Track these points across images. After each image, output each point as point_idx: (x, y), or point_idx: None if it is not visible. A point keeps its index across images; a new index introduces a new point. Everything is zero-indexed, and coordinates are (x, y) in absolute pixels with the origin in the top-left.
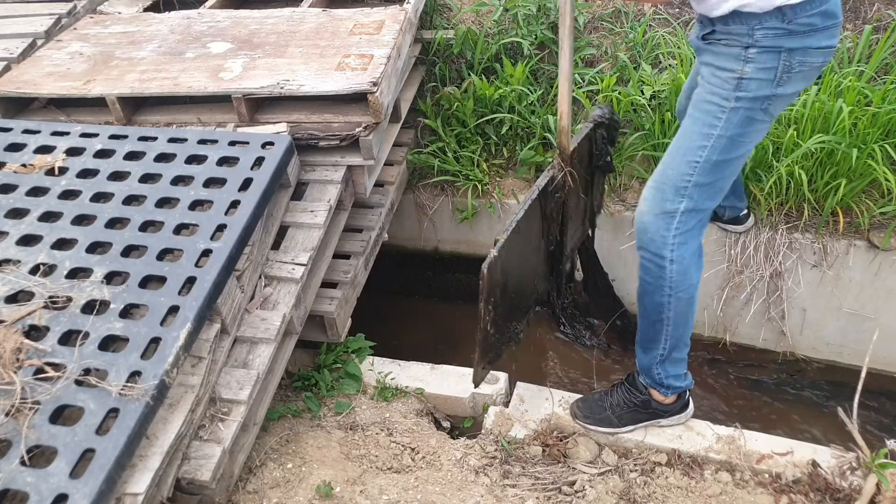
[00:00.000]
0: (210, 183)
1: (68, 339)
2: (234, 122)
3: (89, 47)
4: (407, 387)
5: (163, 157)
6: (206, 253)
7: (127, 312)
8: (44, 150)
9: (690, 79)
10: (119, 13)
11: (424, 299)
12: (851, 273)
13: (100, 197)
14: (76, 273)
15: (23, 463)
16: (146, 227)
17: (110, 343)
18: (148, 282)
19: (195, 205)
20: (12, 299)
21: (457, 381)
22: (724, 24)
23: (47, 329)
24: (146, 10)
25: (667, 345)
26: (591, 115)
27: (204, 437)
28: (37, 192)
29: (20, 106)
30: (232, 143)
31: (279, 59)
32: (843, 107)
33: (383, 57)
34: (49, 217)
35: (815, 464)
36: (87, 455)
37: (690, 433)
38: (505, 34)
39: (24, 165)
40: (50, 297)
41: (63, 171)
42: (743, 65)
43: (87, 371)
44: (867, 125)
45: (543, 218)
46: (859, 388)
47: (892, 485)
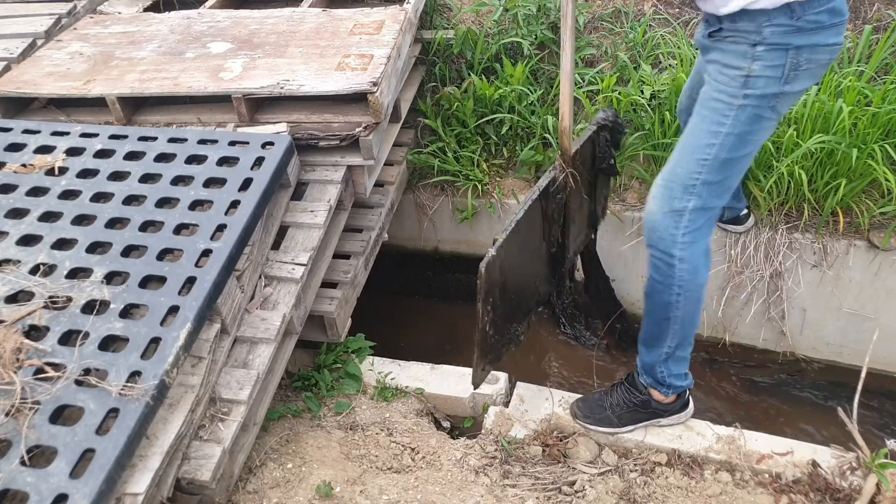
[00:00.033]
0: (210, 183)
1: (68, 339)
2: (234, 122)
3: (89, 47)
4: (407, 387)
5: (163, 157)
6: (206, 253)
7: (127, 312)
8: (44, 150)
9: (691, 78)
10: (119, 13)
11: (424, 299)
12: (851, 273)
13: (100, 197)
14: (76, 273)
15: (23, 463)
16: (146, 227)
17: (110, 343)
18: (148, 282)
19: (195, 205)
20: (12, 299)
21: (457, 381)
22: (731, 21)
23: (47, 329)
24: (146, 10)
25: (672, 343)
26: (594, 117)
27: (204, 437)
28: (37, 192)
29: (20, 106)
30: (232, 143)
31: (279, 59)
32: (843, 107)
33: (383, 57)
34: (49, 217)
35: (815, 464)
36: (87, 455)
37: (690, 433)
38: (505, 34)
39: (24, 165)
40: (50, 297)
41: (63, 171)
42: (751, 62)
43: (87, 371)
44: (867, 125)
45: (544, 219)
46: (859, 388)
47: (892, 485)
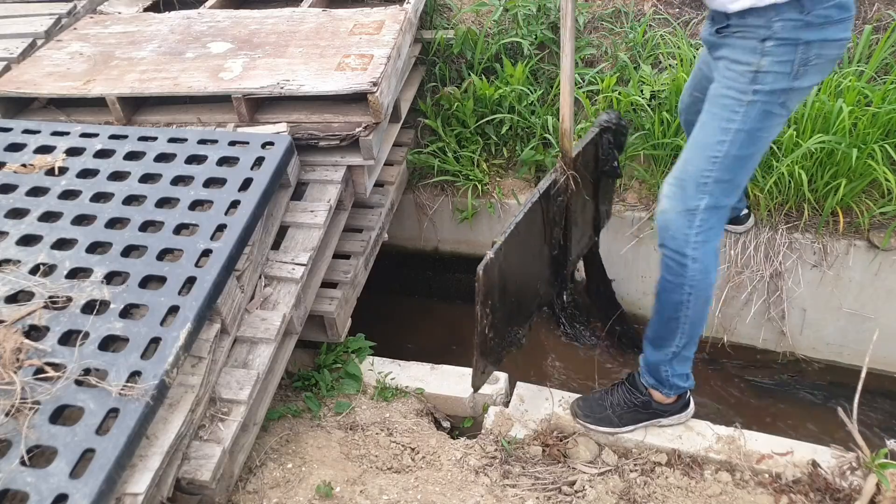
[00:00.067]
0: (210, 183)
1: (68, 339)
2: (234, 122)
3: (89, 47)
4: (407, 387)
5: (163, 157)
6: (206, 253)
7: (127, 312)
8: (44, 150)
9: (693, 76)
10: (119, 13)
11: (424, 299)
12: (851, 273)
13: (100, 197)
14: (76, 273)
15: (23, 463)
16: (146, 227)
17: (110, 343)
18: (148, 282)
19: (195, 205)
20: (12, 299)
21: (457, 381)
22: (740, 17)
23: (47, 329)
24: (146, 10)
25: (681, 343)
26: (597, 119)
27: (204, 437)
28: (37, 192)
29: (20, 106)
30: (232, 143)
31: (279, 59)
32: (843, 107)
33: (383, 57)
34: (49, 217)
35: (815, 464)
36: (87, 455)
37: (690, 433)
38: (505, 34)
39: (24, 165)
40: (50, 297)
41: (63, 171)
42: (759, 58)
43: (87, 371)
44: (867, 125)
45: (545, 222)
46: (859, 388)
47: (892, 485)
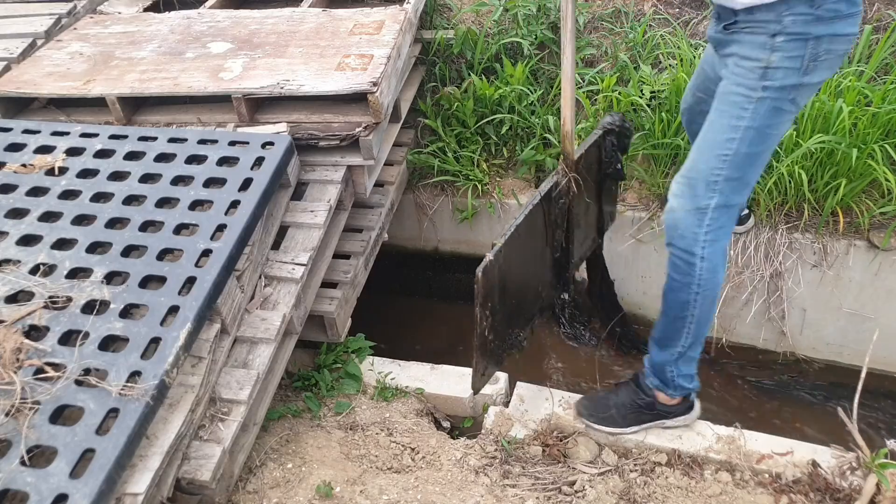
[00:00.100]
0: (210, 183)
1: (68, 339)
2: (234, 122)
3: (89, 47)
4: (407, 387)
5: (163, 157)
6: (206, 253)
7: (127, 312)
8: (44, 150)
9: (695, 76)
10: (119, 13)
11: (424, 299)
12: (851, 273)
13: (100, 197)
14: (76, 273)
15: (23, 463)
16: (146, 227)
17: (110, 343)
18: (148, 282)
19: (195, 205)
20: (12, 299)
21: (457, 381)
22: (748, 13)
23: (47, 329)
24: (146, 10)
25: (687, 342)
26: (601, 121)
27: (204, 437)
28: (37, 192)
29: (20, 106)
30: (232, 143)
31: (279, 59)
32: (843, 107)
33: (383, 57)
34: (49, 217)
35: (815, 464)
36: (87, 455)
37: (690, 433)
38: (505, 34)
39: (24, 165)
40: (50, 297)
41: (63, 171)
42: (769, 53)
43: (87, 371)
44: (867, 125)
45: (547, 224)
46: (859, 388)
47: (892, 485)
